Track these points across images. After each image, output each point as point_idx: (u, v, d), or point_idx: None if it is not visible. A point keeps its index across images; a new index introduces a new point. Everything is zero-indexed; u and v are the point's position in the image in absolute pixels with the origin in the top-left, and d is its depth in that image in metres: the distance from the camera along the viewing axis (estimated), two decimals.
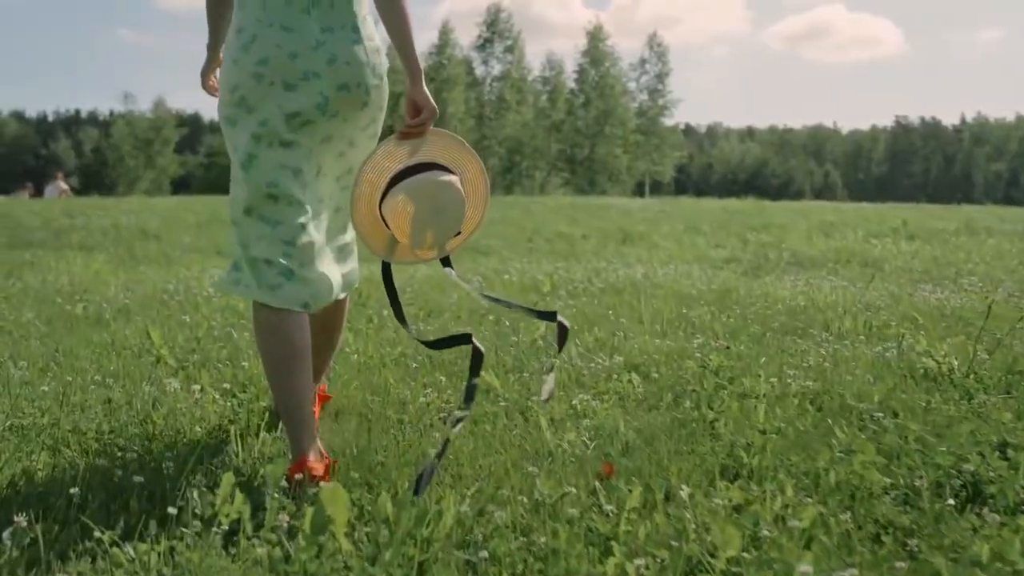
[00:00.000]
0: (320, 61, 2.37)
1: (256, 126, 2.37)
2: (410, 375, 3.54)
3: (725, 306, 5.63)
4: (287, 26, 2.37)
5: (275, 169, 2.37)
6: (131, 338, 4.17)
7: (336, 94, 2.39)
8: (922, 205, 26.75)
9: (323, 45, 2.38)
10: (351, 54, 2.41)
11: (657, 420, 2.95)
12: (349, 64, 2.40)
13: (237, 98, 2.38)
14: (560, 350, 2.67)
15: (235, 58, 2.39)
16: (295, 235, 2.38)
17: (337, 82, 2.39)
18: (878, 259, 10.67)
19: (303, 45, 2.36)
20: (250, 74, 2.36)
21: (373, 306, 5.23)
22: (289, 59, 2.35)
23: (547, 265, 8.70)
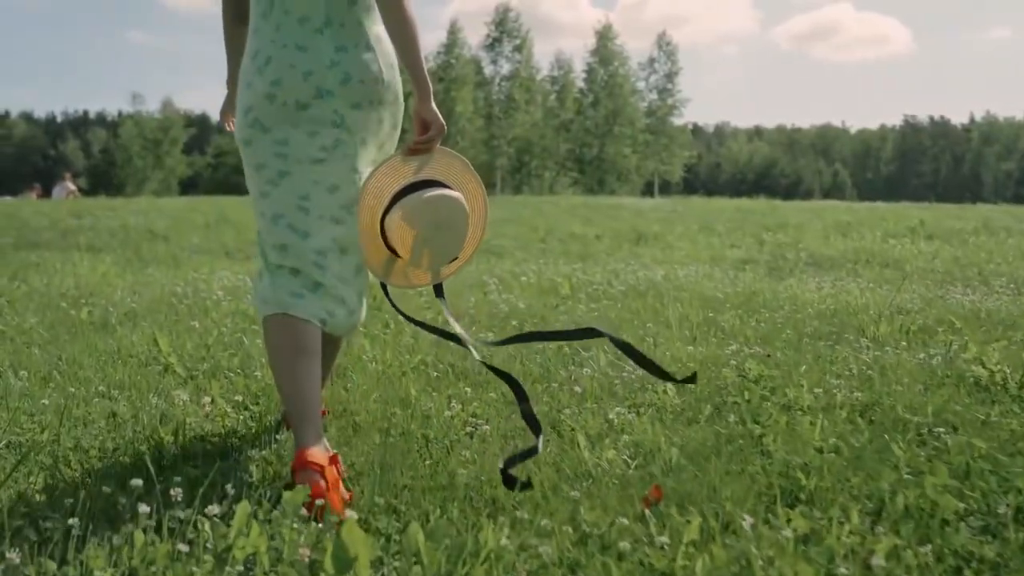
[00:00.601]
0: (334, 80, 2.37)
1: (275, 145, 2.37)
2: (432, 385, 3.35)
3: (752, 310, 5.43)
4: (301, 46, 2.38)
5: (308, 184, 2.38)
6: (138, 345, 3.99)
7: (351, 112, 2.39)
8: (936, 204, 26.50)
9: (337, 65, 2.38)
10: (365, 72, 2.41)
11: (699, 435, 2.75)
12: (363, 83, 2.40)
13: (251, 119, 2.39)
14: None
15: (249, 81, 2.41)
16: (326, 247, 2.39)
17: (351, 101, 2.39)
18: (898, 259, 10.48)
19: (318, 64, 2.37)
20: (263, 95, 2.36)
21: (388, 310, 5.03)
22: (303, 78, 2.35)
23: (564, 267, 8.51)
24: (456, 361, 3.72)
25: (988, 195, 78.44)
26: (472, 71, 51.02)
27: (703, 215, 17.27)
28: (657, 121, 54.06)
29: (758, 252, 11.72)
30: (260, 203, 2.44)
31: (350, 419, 2.89)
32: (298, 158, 2.37)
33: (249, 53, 2.46)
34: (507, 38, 51.86)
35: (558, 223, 15.56)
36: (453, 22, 52.84)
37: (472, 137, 48.57)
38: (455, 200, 2.41)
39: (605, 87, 52.74)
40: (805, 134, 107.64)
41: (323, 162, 2.38)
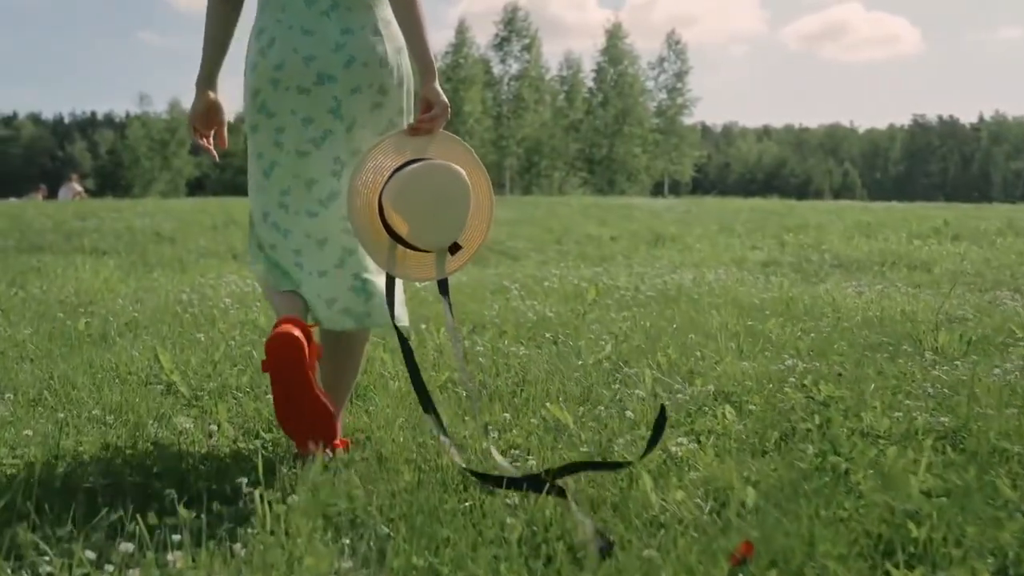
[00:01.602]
0: (338, 64, 2.35)
1: (275, 132, 2.39)
2: (464, 408, 3.00)
3: (794, 317, 5.08)
4: (308, 29, 2.36)
5: (290, 179, 2.40)
6: (138, 360, 3.65)
7: (349, 97, 2.37)
8: (954, 204, 26.12)
9: (343, 48, 2.36)
10: (370, 55, 2.38)
11: (774, 470, 2.40)
12: (367, 65, 2.38)
13: (259, 103, 2.39)
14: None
15: (254, 62, 2.39)
16: (301, 245, 2.41)
17: (351, 85, 2.37)
18: (926, 261, 10.16)
19: (322, 48, 2.35)
20: (268, 79, 2.36)
21: (411, 320, 4.69)
22: (304, 63, 2.34)
23: (585, 270, 8.17)
24: (488, 378, 3.38)
25: (997, 194, 78.14)
26: (481, 71, 50.65)
27: (720, 216, 16.92)
28: (667, 121, 53.67)
29: (780, 253, 11.40)
30: (254, 196, 2.48)
31: (375, 450, 2.55)
32: (288, 149, 2.39)
33: (254, 30, 2.43)
34: (516, 37, 51.47)
35: (573, 224, 15.23)
36: (461, 21, 52.39)
37: (481, 137, 48.20)
38: (451, 170, 2.31)
39: (615, 86, 52.34)
40: (813, 134, 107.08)
41: (307, 155, 2.38)
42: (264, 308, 4.98)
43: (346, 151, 2.42)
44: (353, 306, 2.41)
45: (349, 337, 2.50)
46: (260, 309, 5.02)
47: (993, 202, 29.84)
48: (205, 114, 2.55)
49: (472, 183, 2.36)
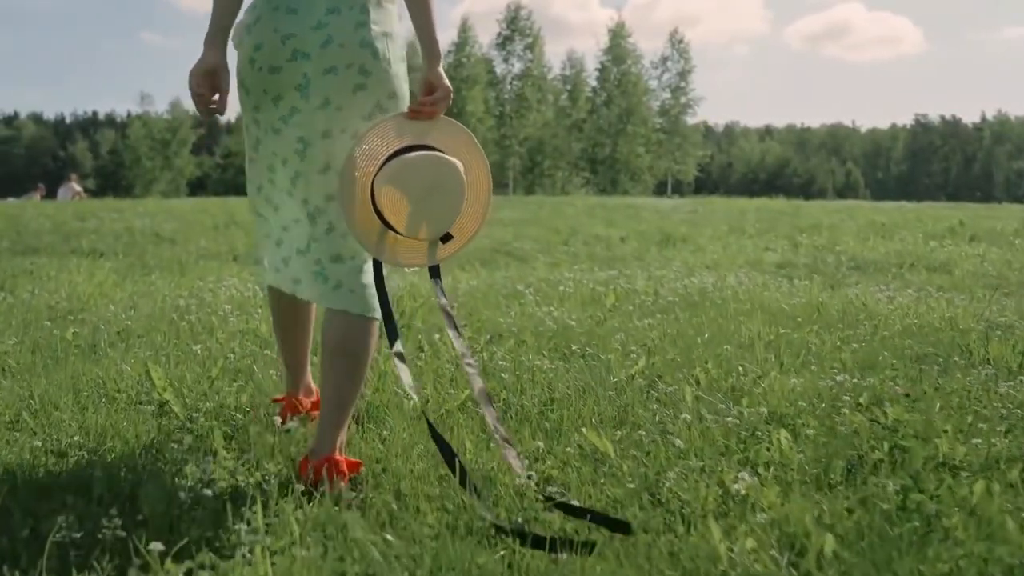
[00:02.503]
0: (314, 43, 2.29)
1: (252, 111, 2.37)
2: (490, 433, 2.70)
3: (828, 325, 4.78)
4: (292, 8, 2.30)
5: (271, 156, 2.39)
6: (128, 375, 3.34)
7: (321, 77, 2.28)
8: (965, 204, 25.80)
9: (324, 27, 2.29)
10: (350, 36, 2.30)
11: (846, 508, 2.10)
12: (343, 46, 2.29)
13: (240, 79, 2.36)
14: None
15: (239, 39, 2.36)
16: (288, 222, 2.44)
17: (324, 65, 2.29)
18: (945, 263, 9.89)
19: (302, 26, 2.29)
20: (247, 58, 2.33)
21: (420, 327, 4.39)
22: (281, 42, 2.29)
23: (600, 273, 7.86)
24: (513, 397, 3.07)
25: (1000, 194, 77.92)
26: (483, 70, 50.28)
27: (728, 216, 16.64)
28: (670, 120, 53.31)
29: (795, 255, 11.13)
30: (248, 168, 2.51)
31: (392, 484, 2.24)
32: (266, 128, 2.37)
33: (248, 5, 2.38)
34: (519, 36, 51.09)
35: (579, 224, 14.94)
36: (464, 20, 51.80)
37: (483, 137, 47.83)
38: (445, 162, 2.26)
39: (618, 85, 51.96)
40: (815, 133, 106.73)
41: (279, 133, 2.35)
42: (265, 316, 4.68)
43: (313, 130, 2.32)
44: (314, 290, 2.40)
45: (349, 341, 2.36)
46: (261, 316, 4.71)
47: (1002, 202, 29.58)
48: (207, 74, 2.23)
49: (471, 170, 2.35)
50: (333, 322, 2.35)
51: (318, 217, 2.36)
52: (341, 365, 2.32)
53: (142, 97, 77.26)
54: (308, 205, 2.36)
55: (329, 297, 2.36)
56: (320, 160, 2.33)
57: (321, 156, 2.33)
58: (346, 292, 2.35)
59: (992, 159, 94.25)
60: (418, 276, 6.20)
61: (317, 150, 2.33)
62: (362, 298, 2.36)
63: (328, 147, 2.33)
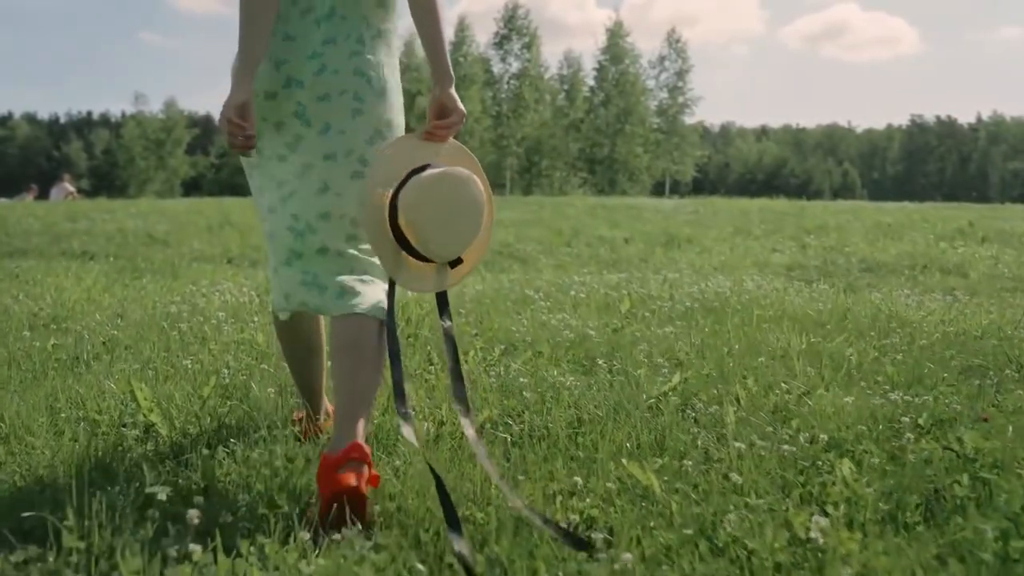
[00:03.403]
0: (308, 71, 2.28)
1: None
2: (517, 463, 2.40)
3: (859, 333, 4.49)
4: (290, 35, 2.29)
5: (266, 181, 2.37)
6: (112, 393, 3.04)
7: (316, 104, 2.28)
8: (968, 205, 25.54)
9: (318, 56, 2.29)
10: (343, 64, 2.30)
11: (935, 556, 1.81)
12: (337, 73, 2.29)
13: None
14: None
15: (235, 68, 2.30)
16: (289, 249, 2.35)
17: (318, 92, 2.28)
18: (959, 265, 9.65)
19: (297, 54, 2.29)
20: None
21: (428, 336, 4.10)
22: (275, 68, 2.28)
23: (608, 276, 7.58)
24: (537, 418, 2.77)
25: (995, 195, 78.00)
26: (480, 70, 49.97)
27: (731, 217, 16.37)
28: (668, 120, 53.07)
29: (803, 257, 10.89)
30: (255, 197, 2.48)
31: (408, 531, 1.95)
32: (269, 155, 2.33)
33: None
34: (516, 36, 50.76)
35: (582, 225, 14.66)
36: (461, 20, 51.47)
37: (480, 137, 47.54)
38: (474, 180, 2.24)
39: (616, 85, 51.68)
40: (811, 134, 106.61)
41: (284, 159, 2.32)
42: (263, 324, 4.38)
43: (317, 155, 2.30)
44: (308, 299, 2.34)
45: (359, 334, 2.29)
46: (258, 325, 4.42)
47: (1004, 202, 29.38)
48: (240, 108, 2.20)
49: None
50: (338, 326, 2.30)
51: (307, 235, 2.32)
52: (350, 357, 2.25)
53: (136, 97, 76.80)
54: (298, 221, 2.32)
55: (332, 305, 2.31)
56: (319, 182, 2.31)
57: (320, 177, 2.31)
58: (350, 295, 2.31)
59: (988, 160, 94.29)
60: None
61: (317, 171, 2.31)
62: (366, 297, 2.32)
63: (329, 169, 2.31)
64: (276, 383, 3.18)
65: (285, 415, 2.86)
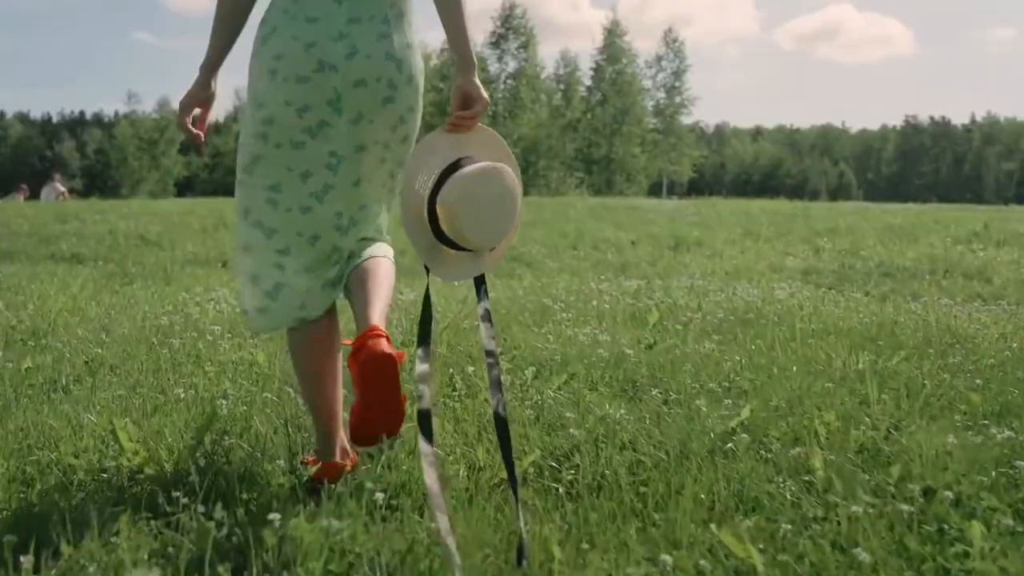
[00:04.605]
0: (339, 54, 2.21)
1: (260, 124, 2.23)
2: (580, 526, 1.99)
3: (918, 351, 4.09)
4: (311, 16, 2.22)
5: (280, 172, 2.25)
6: (93, 429, 2.62)
7: (352, 91, 2.22)
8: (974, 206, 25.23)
9: (346, 37, 2.22)
10: (374, 48, 2.24)
11: None
12: (370, 58, 2.23)
13: (252, 93, 2.26)
14: None
15: (255, 52, 2.27)
16: (290, 244, 2.27)
17: (354, 77, 2.22)
18: (982, 270, 9.31)
19: (324, 35, 2.21)
20: (267, 69, 2.22)
21: (448, 356, 3.69)
22: (304, 50, 2.19)
23: (626, 283, 7.17)
24: (589, 461, 2.36)
25: (989, 195, 78.05)
26: (477, 69, 49.47)
27: (737, 218, 16.01)
28: (665, 120, 52.69)
29: (818, 260, 10.55)
30: (236, 192, 2.32)
31: None
32: (277, 142, 2.23)
33: (261, 19, 2.30)
34: (513, 35, 50.31)
35: (585, 227, 14.29)
36: None
37: None
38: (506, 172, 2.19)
39: (613, 85, 51.27)
40: (805, 134, 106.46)
41: (302, 146, 2.23)
42: (264, 343, 3.97)
43: (348, 146, 2.26)
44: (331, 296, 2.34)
45: (372, 265, 2.34)
46: (257, 342, 4.01)
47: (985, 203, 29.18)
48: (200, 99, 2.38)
49: None
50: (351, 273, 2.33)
51: (351, 229, 2.32)
52: (365, 277, 2.29)
53: (129, 96, 75.94)
54: (341, 218, 2.30)
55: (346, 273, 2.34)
56: (353, 174, 2.29)
57: (354, 169, 2.28)
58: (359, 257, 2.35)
59: (982, 160, 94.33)
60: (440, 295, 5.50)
61: (349, 163, 2.27)
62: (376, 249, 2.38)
63: (361, 160, 2.28)
64: (281, 415, 2.78)
65: (294, 450, 2.46)
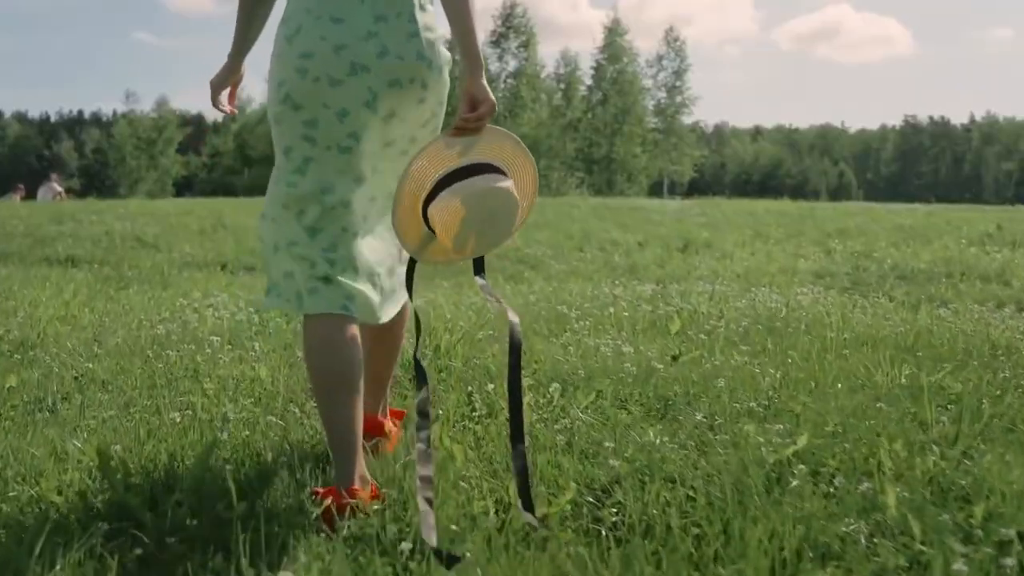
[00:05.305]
0: (370, 54, 2.18)
1: (303, 127, 2.20)
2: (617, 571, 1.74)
3: (962, 364, 3.84)
4: (336, 16, 2.19)
5: (334, 174, 2.22)
6: (79, 459, 2.37)
7: (387, 90, 2.20)
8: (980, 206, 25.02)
9: (375, 36, 2.19)
10: (405, 48, 2.22)
11: None
12: (403, 59, 2.21)
13: (283, 95, 2.20)
14: None
15: (279, 52, 2.23)
16: (336, 242, 2.21)
17: (388, 77, 2.20)
18: (999, 272, 9.09)
19: (352, 36, 2.18)
20: (294, 68, 2.18)
21: (462, 369, 3.44)
22: (334, 52, 2.17)
23: (640, 287, 6.93)
24: (632, 499, 2.11)
25: (989, 195, 77.98)
26: None
27: (742, 219, 15.78)
28: (666, 120, 52.46)
29: (830, 263, 10.31)
30: (286, 192, 2.23)
31: None
32: (326, 144, 2.19)
33: (282, 18, 2.27)
34: (514, 34, 50.05)
35: (590, 228, 14.06)
36: None
37: None
38: (508, 192, 2.19)
39: (614, 84, 51.01)
40: (804, 134, 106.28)
41: (349, 151, 2.20)
42: (264, 352, 3.72)
43: (378, 142, 2.26)
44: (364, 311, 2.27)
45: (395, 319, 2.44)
46: (260, 353, 3.76)
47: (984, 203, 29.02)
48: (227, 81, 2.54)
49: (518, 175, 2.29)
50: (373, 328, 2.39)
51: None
52: (392, 347, 2.46)
53: (127, 95, 75.41)
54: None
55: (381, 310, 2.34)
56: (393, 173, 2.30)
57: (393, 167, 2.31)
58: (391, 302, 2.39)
59: (981, 160, 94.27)
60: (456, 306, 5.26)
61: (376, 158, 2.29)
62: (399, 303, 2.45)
63: (386, 155, 2.30)
64: (287, 440, 2.53)
65: (302, 481, 2.21)
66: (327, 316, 2.16)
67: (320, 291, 2.18)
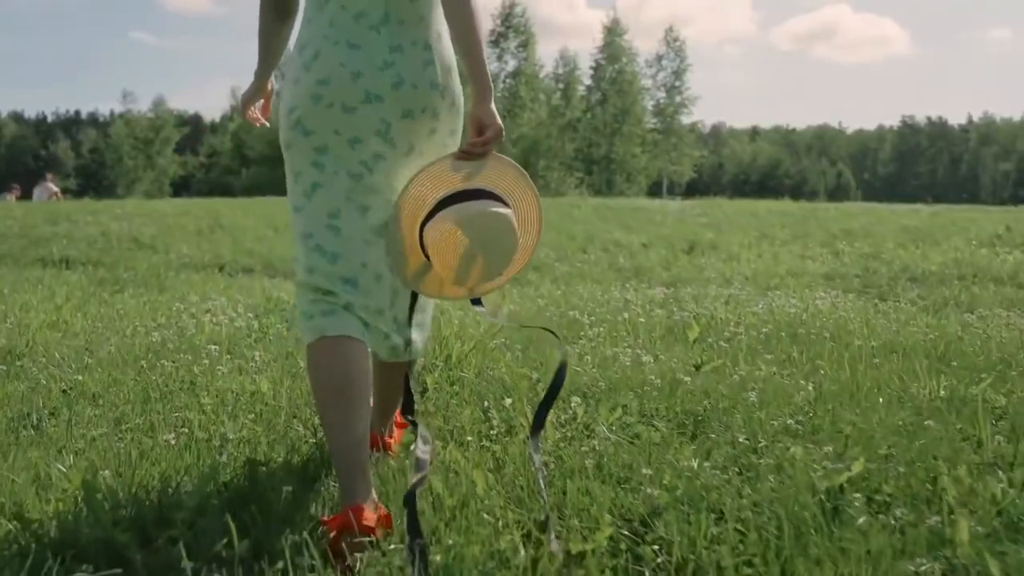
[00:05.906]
0: (385, 83, 2.16)
1: (314, 152, 2.18)
2: None
3: (1001, 375, 3.64)
4: (354, 43, 2.17)
5: (340, 200, 2.18)
6: (61, 487, 2.16)
7: (400, 122, 2.18)
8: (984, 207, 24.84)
9: (391, 66, 2.17)
10: (420, 77, 2.19)
11: None
12: (416, 88, 2.18)
13: (293, 120, 2.18)
14: None
15: (296, 77, 2.20)
16: (355, 274, 2.17)
17: (402, 108, 2.18)
18: (1013, 275, 8.91)
19: (369, 65, 2.16)
20: (309, 95, 2.16)
21: (474, 382, 3.23)
22: (351, 79, 2.15)
23: (650, 290, 6.73)
24: (672, 531, 1.90)
25: (986, 196, 77.99)
26: None
27: (745, 219, 15.59)
28: (665, 120, 52.24)
29: (839, 264, 10.14)
30: (293, 217, 2.23)
31: None
32: (335, 170, 2.17)
33: (298, 43, 2.25)
34: (513, 34, 49.81)
35: (593, 229, 13.88)
36: None
37: None
38: (505, 218, 2.12)
39: (613, 84, 50.78)
40: (802, 135, 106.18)
41: (360, 178, 2.18)
42: (265, 362, 3.52)
43: (402, 178, 2.21)
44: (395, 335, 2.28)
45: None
46: (260, 363, 3.56)
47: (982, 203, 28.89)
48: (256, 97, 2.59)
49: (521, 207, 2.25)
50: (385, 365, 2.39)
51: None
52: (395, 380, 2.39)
53: (124, 95, 75.01)
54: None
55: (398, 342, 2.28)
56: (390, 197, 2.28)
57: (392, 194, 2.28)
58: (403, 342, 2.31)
59: (978, 160, 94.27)
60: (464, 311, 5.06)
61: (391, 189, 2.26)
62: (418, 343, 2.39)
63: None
64: (292, 463, 2.32)
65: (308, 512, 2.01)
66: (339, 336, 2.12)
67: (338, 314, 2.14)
